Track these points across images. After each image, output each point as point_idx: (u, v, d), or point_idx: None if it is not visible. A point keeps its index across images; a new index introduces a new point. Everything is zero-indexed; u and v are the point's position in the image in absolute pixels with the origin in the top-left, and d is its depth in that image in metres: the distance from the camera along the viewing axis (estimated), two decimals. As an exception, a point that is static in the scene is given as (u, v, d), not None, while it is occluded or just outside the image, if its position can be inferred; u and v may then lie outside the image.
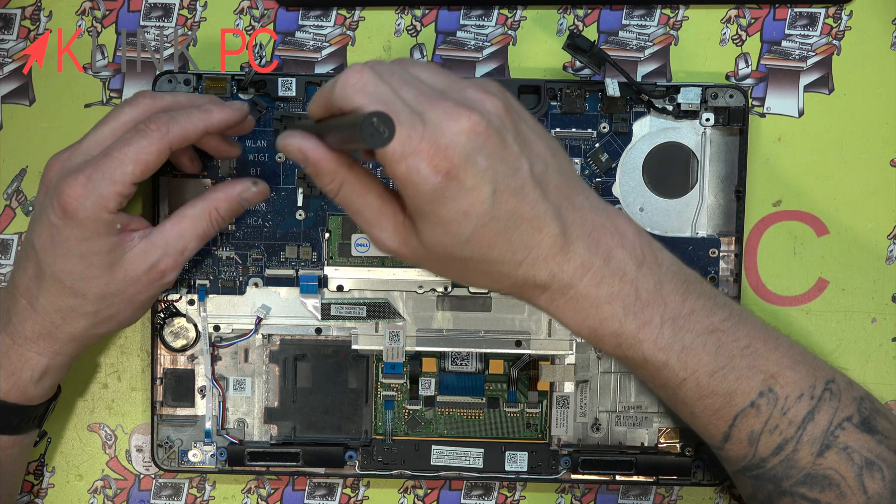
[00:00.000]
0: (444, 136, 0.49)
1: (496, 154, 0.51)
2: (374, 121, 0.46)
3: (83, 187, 0.56)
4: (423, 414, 0.67)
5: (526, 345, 0.67)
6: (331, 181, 0.52)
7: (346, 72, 0.50)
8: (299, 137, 0.52)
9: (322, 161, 0.52)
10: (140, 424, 0.69)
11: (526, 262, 0.53)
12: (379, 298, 0.67)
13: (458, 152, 0.50)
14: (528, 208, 0.52)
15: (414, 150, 0.49)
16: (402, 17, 0.67)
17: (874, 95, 0.67)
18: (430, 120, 0.50)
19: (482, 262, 0.53)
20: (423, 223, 0.52)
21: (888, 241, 0.68)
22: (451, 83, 0.53)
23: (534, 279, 0.54)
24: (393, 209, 0.53)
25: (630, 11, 0.67)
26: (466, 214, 0.51)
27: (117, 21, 0.67)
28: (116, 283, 0.59)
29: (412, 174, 0.49)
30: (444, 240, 0.52)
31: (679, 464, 0.67)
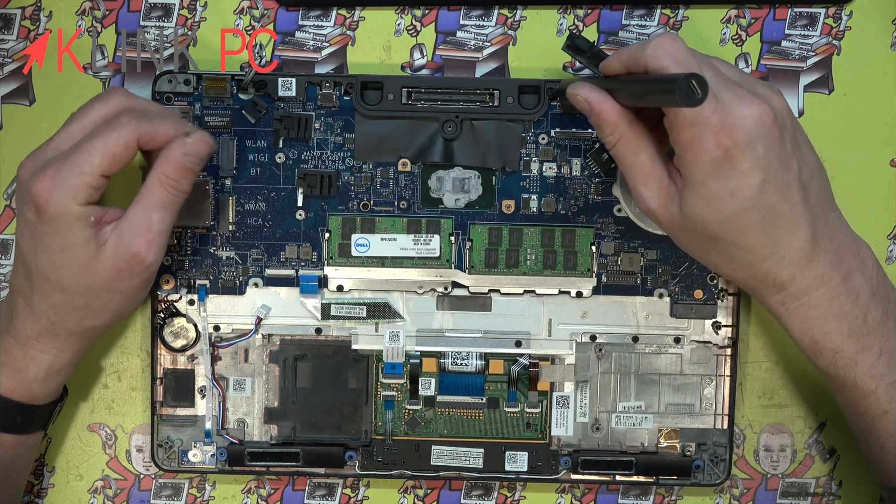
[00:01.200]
0: (733, 116, 0.53)
1: (774, 147, 0.54)
2: (693, 81, 0.49)
3: (51, 181, 0.57)
4: (423, 414, 0.67)
5: (526, 345, 0.67)
6: (611, 133, 0.56)
7: (662, 36, 0.54)
8: (588, 89, 0.56)
9: (606, 112, 0.55)
10: (140, 424, 0.69)
11: (772, 258, 0.56)
12: (379, 298, 0.67)
13: (742, 134, 0.53)
14: (789, 207, 0.55)
15: (704, 121, 0.53)
16: (402, 17, 0.67)
17: (874, 95, 0.67)
18: (724, 99, 0.53)
19: (731, 245, 0.56)
20: (690, 192, 0.55)
21: (888, 241, 0.68)
22: (744, 77, 0.57)
23: (774, 276, 0.57)
24: (661, 173, 0.56)
25: (630, 11, 0.67)
26: (733, 195, 0.54)
27: (117, 21, 0.67)
28: (98, 276, 0.58)
29: (696, 142, 0.53)
30: (704, 213, 0.55)
31: (679, 464, 0.67)
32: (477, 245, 0.66)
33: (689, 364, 0.67)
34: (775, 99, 0.56)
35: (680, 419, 0.67)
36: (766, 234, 0.56)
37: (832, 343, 0.58)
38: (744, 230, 0.55)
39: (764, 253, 0.56)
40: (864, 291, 0.58)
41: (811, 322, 0.58)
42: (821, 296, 0.58)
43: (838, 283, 0.57)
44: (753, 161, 0.54)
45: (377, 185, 0.66)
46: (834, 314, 0.58)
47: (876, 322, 0.58)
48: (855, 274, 0.58)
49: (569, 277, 0.66)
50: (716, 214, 0.55)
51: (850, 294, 0.58)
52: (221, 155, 0.66)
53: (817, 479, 0.69)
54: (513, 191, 0.66)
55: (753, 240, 0.56)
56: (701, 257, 0.59)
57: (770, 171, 0.54)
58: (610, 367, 0.67)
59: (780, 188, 0.55)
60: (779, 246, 0.56)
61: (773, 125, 0.54)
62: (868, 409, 0.59)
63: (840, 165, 0.67)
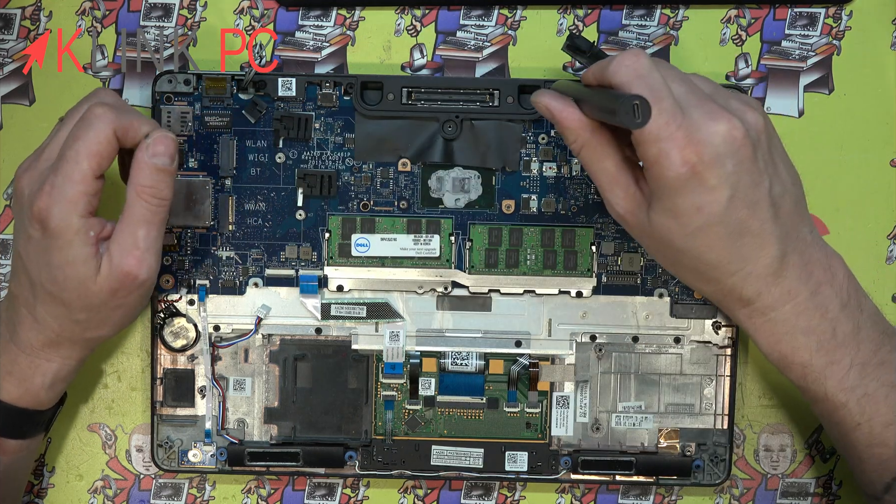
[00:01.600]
0: (700, 132, 0.52)
1: (744, 164, 0.53)
2: (635, 104, 0.49)
3: (49, 196, 0.56)
4: (423, 414, 0.67)
5: (526, 345, 0.67)
6: (573, 140, 0.56)
7: (625, 53, 0.54)
8: (549, 97, 0.56)
9: (567, 120, 0.55)
10: (140, 424, 0.69)
11: (738, 274, 0.56)
12: (379, 298, 0.67)
13: (709, 150, 0.52)
14: (758, 224, 0.55)
15: (669, 136, 0.52)
16: (402, 17, 0.67)
17: (874, 95, 0.67)
18: (692, 115, 0.53)
19: (697, 259, 0.55)
20: (657, 204, 0.54)
21: (888, 241, 0.68)
22: (718, 91, 0.56)
23: (740, 292, 0.57)
24: (627, 180, 0.56)
25: (630, 11, 0.67)
26: (699, 210, 0.53)
27: (117, 21, 0.67)
28: (96, 294, 0.58)
29: (661, 158, 0.52)
30: (670, 226, 0.54)
31: (679, 464, 0.67)
32: (477, 245, 0.66)
33: (689, 364, 0.67)
34: (749, 113, 0.55)
35: (680, 419, 0.67)
36: (733, 249, 0.55)
37: (800, 358, 0.58)
38: (710, 245, 0.55)
39: (730, 268, 0.56)
40: (834, 305, 0.57)
41: (778, 337, 0.58)
42: (787, 311, 0.57)
43: (806, 298, 0.57)
44: (721, 177, 0.53)
45: (377, 185, 0.66)
46: (801, 329, 0.57)
47: (846, 335, 0.58)
48: (824, 287, 0.57)
49: (569, 277, 0.66)
50: (682, 228, 0.54)
51: (818, 308, 0.57)
52: (221, 155, 0.66)
53: (817, 479, 0.69)
54: (513, 191, 0.66)
55: (720, 255, 0.55)
56: (668, 267, 0.59)
57: (739, 187, 0.53)
58: (610, 367, 0.67)
59: (750, 204, 0.54)
60: (746, 262, 0.56)
61: (743, 141, 0.53)
62: (841, 421, 0.59)
63: (840, 165, 0.67)
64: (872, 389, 0.58)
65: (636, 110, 0.49)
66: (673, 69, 0.56)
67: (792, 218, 0.56)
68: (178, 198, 0.65)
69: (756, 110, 0.55)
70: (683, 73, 0.56)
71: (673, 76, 0.55)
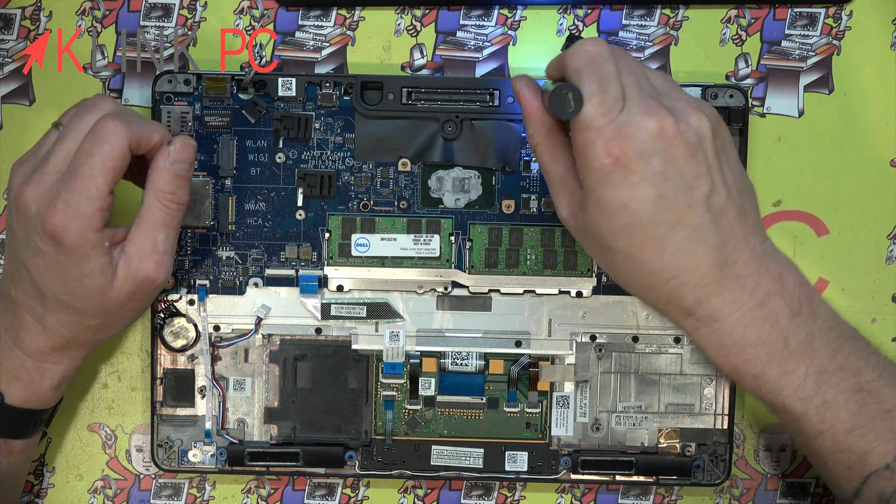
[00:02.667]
0: (629, 127, 0.52)
1: (675, 164, 0.53)
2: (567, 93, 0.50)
3: (63, 214, 0.56)
4: (423, 414, 0.67)
5: (526, 345, 0.67)
6: (531, 135, 0.57)
7: (589, 39, 0.54)
8: (525, 84, 0.56)
9: (530, 113, 0.56)
10: (140, 424, 0.69)
11: (674, 281, 0.55)
12: (379, 298, 0.67)
13: (634, 145, 0.52)
14: (690, 229, 0.54)
15: (598, 128, 0.52)
16: (402, 17, 0.67)
17: (874, 95, 0.67)
18: (629, 110, 0.52)
19: (629, 259, 0.55)
20: (587, 199, 0.55)
21: (888, 241, 0.68)
22: (674, 90, 0.55)
23: (679, 300, 0.56)
24: (573, 183, 0.56)
25: (630, 11, 0.67)
26: (625, 206, 0.53)
27: (117, 21, 0.67)
28: (113, 300, 0.58)
29: (587, 146, 0.53)
30: (600, 222, 0.54)
31: (679, 464, 0.67)
32: (477, 245, 0.66)
33: (689, 364, 0.67)
34: (693, 116, 0.54)
35: (680, 419, 0.67)
36: (665, 252, 0.54)
37: (752, 370, 0.57)
38: (640, 245, 0.54)
39: (664, 274, 0.55)
40: (784, 314, 0.56)
41: (727, 350, 0.57)
42: (733, 323, 0.56)
43: (752, 308, 0.56)
44: (647, 175, 0.52)
45: (377, 185, 0.66)
46: (750, 341, 0.56)
47: (799, 344, 0.56)
48: (772, 297, 0.56)
49: (569, 277, 0.66)
50: (609, 224, 0.54)
51: (766, 319, 0.56)
52: (221, 155, 0.66)
53: (817, 479, 0.69)
54: (513, 191, 0.66)
55: (652, 257, 0.54)
56: (611, 271, 0.58)
57: (667, 187, 0.53)
58: (610, 367, 0.67)
59: (681, 207, 0.53)
60: (681, 269, 0.55)
61: (675, 140, 0.53)
62: (802, 430, 0.58)
63: (840, 165, 0.67)
64: (831, 396, 0.56)
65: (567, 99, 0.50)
66: (632, 62, 0.55)
67: (734, 228, 0.55)
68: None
69: (703, 114, 0.54)
70: (641, 68, 0.55)
71: (627, 69, 0.54)
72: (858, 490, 0.58)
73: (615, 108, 0.52)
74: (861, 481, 0.58)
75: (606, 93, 0.52)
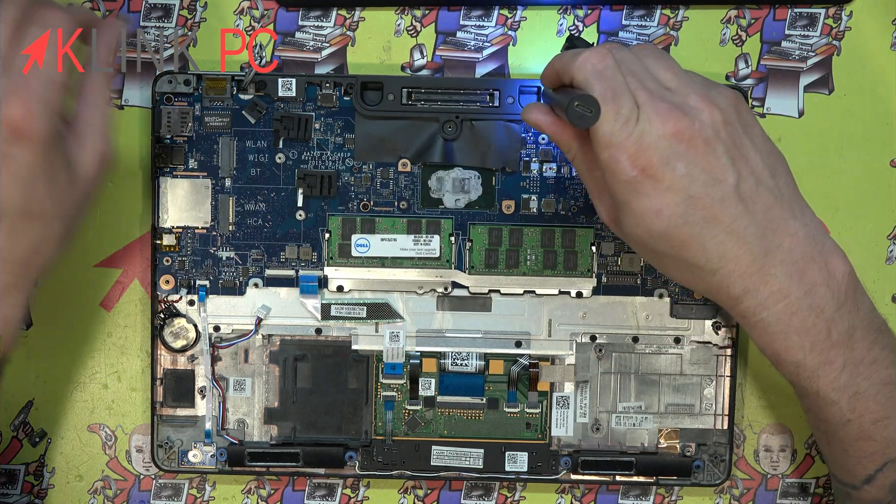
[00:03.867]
0: (649, 136, 0.52)
1: (698, 162, 0.53)
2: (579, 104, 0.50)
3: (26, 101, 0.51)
4: (423, 414, 0.67)
5: (526, 345, 0.67)
6: (567, 150, 0.57)
7: (592, 51, 0.54)
8: (537, 112, 0.57)
9: (558, 134, 0.56)
10: (140, 425, 0.69)
11: (720, 272, 0.55)
12: (379, 299, 0.67)
13: (657, 154, 0.52)
14: (728, 220, 0.54)
15: (619, 143, 0.53)
16: (402, 18, 0.67)
17: (874, 95, 0.67)
18: (644, 117, 0.53)
19: (677, 259, 0.56)
20: (621, 211, 0.55)
21: (888, 242, 0.68)
22: (682, 84, 0.55)
23: (728, 290, 0.56)
24: None
25: (630, 12, 0.67)
26: (659, 213, 0.54)
27: (117, 21, 0.67)
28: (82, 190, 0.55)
29: (612, 163, 0.53)
30: (637, 231, 0.55)
31: (679, 464, 0.67)
32: (477, 245, 0.66)
33: (689, 364, 0.67)
34: (707, 110, 0.54)
35: (680, 419, 0.67)
36: (707, 248, 0.55)
37: (793, 357, 0.57)
38: (683, 245, 0.55)
39: (710, 267, 0.55)
40: (830, 305, 0.56)
41: (772, 337, 0.57)
42: (780, 311, 0.56)
43: (798, 298, 0.56)
44: (674, 180, 0.53)
45: (377, 185, 0.66)
46: (795, 330, 0.56)
47: (841, 335, 0.57)
48: (819, 288, 0.56)
49: (569, 278, 0.66)
50: (647, 232, 0.54)
51: (812, 309, 0.56)
52: (221, 155, 0.66)
53: (817, 479, 0.69)
54: (513, 191, 0.66)
55: (695, 254, 0.55)
56: (663, 270, 0.59)
57: (696, 186, 0.53)
58: (610, 368, 0.67)
59: (714, 202, 0.54)
60: (725, 260, 0.55)
61: (693, 140, 0.53)
62: (830, 417, 0.58)
63: (840, 165, 0.67)
64: (864, 388, 0.57)
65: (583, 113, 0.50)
66: (635, 63, 0.55)
67: (772, 211, 0.55)
68: (178, 198, 0.66)
69: (716, 105, 0.54)
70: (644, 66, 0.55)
71: (632, 72, 0.54)
72: (872, 476, 0.59)
73: (632, 119, 0.52)
74: (877, 468, 0.59)
75: (621, 106, 0.52)
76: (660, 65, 0.56)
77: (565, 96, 0.54)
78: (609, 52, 0.54)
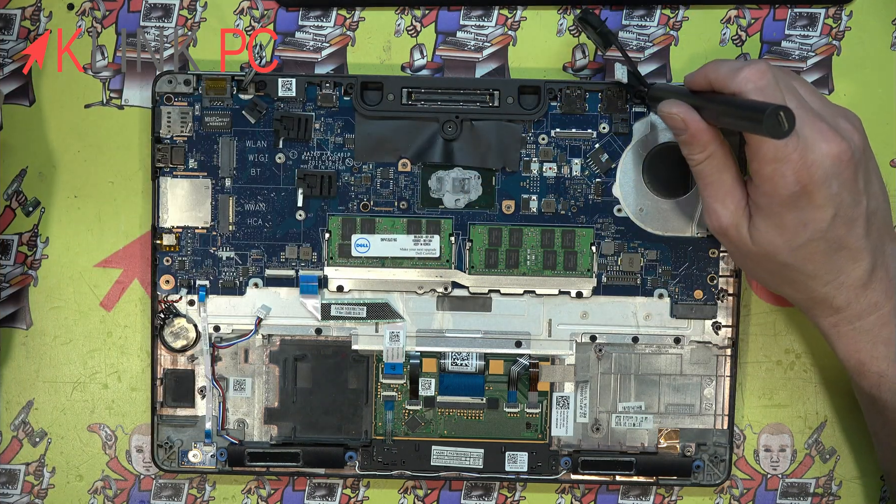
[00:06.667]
0: (813, 153, 0.55)
1: (847, 184, 0.56)
2: (781, 115, 0.50)
3: None
4: (423, 414, 0.67)
5: (526, 345, 0.67)
6: (701, 151, 0.58)
7: (752, 66, 0.56)
8: (683, 108, 0.58)
9: (701, 132, 0.57)
10: (140, 425, 0.69)
11: (832, 284, 0.58)
12: (379, 299, 0.67)
13: (820, 172, 0.55)
14: (854, 239, 0.57)
15: (785, 157, 0.55)
16: (402, 18, 0.67)
17: (874, 95, 0.67)
18: (805, 135, 0.55)
19: (796, 270, 0.58)
20: (764, 219, 0.57)
21: (888, 242, 0.68)
22: (826, 108, 0.58)
23: (832, 300, 0.59)
24: (741, 193, 0.58)
25: (630, 11, 0.67)
26: (805, 226, 0.56)
27: (117, 21, 0.67)
28: None
29: (776, 177, 0.55)
30: (776, 241, 0.57)
31: (679, 464, 0.67)
32: (477, 245, 0.66)
33: (689, 364, 0.67)
34: (856, 135, 0.57)
35: (680, 419, 0.67)
36: (830, 262, 0.58)
37: (878, 367, 0.60)
38: (810, 258, 0.57)
39: (826, 279, 0.58)
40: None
41: (860, 345, 0.60)
42: (872, 321, 0.59)
43: (889, 312, 0.59)
44: (828, 197, 0.55)
45: (377, 185, 0.66)
46: (883, 340, 0.60)
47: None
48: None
49: (569, 278, 0.66)
50: (787, 243, 0.57)
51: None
52: (221, 155, 0.66)
53: (817, 479, 0.69)
54: (513, 191, 0.66)
55: (818, 267, 0.58)
56: (761, 278, 0.61)
57: (842, 206, 0.56)
58: (610, 368, 0.67)
59: (849, 221, 0.57)
60: (840, 273, 0.58)
61: (849, 163, 0.56)
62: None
63: (840, 166, 0.67)
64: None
65: (783, 121, 0.50)
66: (790, 82, 0.57)
67: (881, 233, 0.59)
68: (178, 197, 0.66)
69: (858, 130, 0.58)
70: (796, 84, 0.58)
71: (789, 90, 0.56)
72: None
73: (794, 136, 0.54)
74: None
75: None
76: (804, 86, 0.59)
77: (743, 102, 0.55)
78: (769, 68, 0.56)
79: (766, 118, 0.51)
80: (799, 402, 0.69)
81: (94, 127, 0.67)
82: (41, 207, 0.68)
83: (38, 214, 0.68)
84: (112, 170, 0.67)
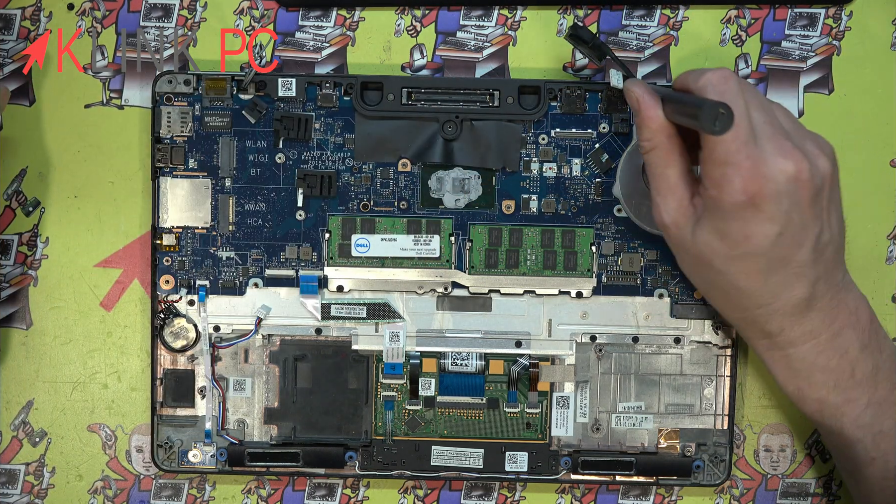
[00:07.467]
0: (767, 167, 0.53)
1: (800, 205, 0.54)
2: (720, 111, 0.50)
3: None
4: (423, 414, 0.67)
5: (526, 345, 0.67)
6: (648, 139, 0.57)
7: (715, 70, 0.55)
8: (643, 89, 0.57)
9: (650, 119, 0.56)
10: (140, 425, 0.69)
11: (765, 308, 0.57)
12: (379, 299, 0.67)
13: (771, 186, 0.53)
14: (796, 265, 0.56)
15: (736, 163, 0.53)
16: (402, 18, 0.67)
17: (874, 95, 0.67)
18: (764, 147, 0.53)
19: (730, 284, 0.57)
20: (707, 222, 0.55)
21: (888, 241, 0.68)
22: (797, 129, 0.57)
23: (764, 324, 0.58)
24: (683, 192, 0.57)
25: (630, 12, 0.67)
26: (747, 238, 0.54)
27: (117, 21, 0.67)
28: None
29: (724, 182, 0.53)
30: (714, 246, 0.56)
31: (679, 464, 0.67)
32: (477, 245, 0.66)
33: (689, 364, 0.67)
34: (821, 159, 0.55)
35: (680, 419, 0.67)
36: (766, 283, 0.56)
37: (817, 394, 0.59)
38: (746, 274, 0.56)
39: (759, 301, 0.57)
40: (854, 346, 0.59)
41: (796, 373, 0.59)
42: (806, 350, 0.58)
43: (826, 339, 0.58)
44: (776, 213, 0.54)
45: (377, 185, 0.66)
46: (819, 368, 0.59)
47: (864, 375, 0.59)
48: (846, 330, 0.58)
49: (569, 278, 0.66)
50: (726, 251, 0.55)
51: (837, 350, 0.58)
52: (221, 155, 0.66)
53: (817, 479, 0.69)
54: (513, 191, 0.66)
55: (753, 286, 0.56)
56: (698, 284, 0.60)
57: (789, 226, 0.54)
58: (610, 368, 0.67)
59: (794, 244, 0.55)
60: (776, 299, 0.57)
61: (806, 184, 0.54)
62: (855, 455, 0.60)
63: (840, 165, 0.67)
64: (887, 427, 0.59)
65: (718, 117, 0.50)
66: (758, 96, 0.56)
67: (829, 265, 0.57)
68: (178, 198, 0.66)
69: (828, 157, 0.56)
70: (767, 102, 0.57)
71: (756, 104, 0.55)
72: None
73: (750, 143, 0.53)
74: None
75: (739, 128, 0.53)
76: (778, 106, 0.58)
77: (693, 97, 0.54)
78: (732, 75, 0.55)
79: (702, 112, 0.50)
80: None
81: (94, 127, 0.67)
82: (41, 207, 0.68)
83: (38, 214, 0.68)
84: (112, 170, 0.67)
